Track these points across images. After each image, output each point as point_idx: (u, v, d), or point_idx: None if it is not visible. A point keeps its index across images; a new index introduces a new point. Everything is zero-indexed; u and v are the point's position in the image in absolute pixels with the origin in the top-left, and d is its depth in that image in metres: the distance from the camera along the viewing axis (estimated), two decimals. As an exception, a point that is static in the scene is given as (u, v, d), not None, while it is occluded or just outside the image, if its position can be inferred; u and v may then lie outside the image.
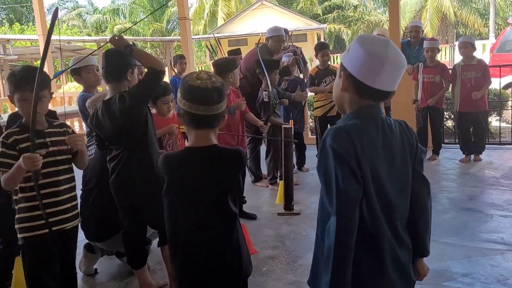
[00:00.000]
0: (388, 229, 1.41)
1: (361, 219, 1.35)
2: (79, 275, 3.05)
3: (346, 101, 1.46)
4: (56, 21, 2.39)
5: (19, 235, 2.34)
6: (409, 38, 6.57)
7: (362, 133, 1.36)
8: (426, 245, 1.56)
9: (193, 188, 1.77)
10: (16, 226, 2.32)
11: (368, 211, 1.37)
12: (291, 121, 4.67)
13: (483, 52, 15.71)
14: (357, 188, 1.33)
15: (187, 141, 2.98)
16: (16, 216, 2.31)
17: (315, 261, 1.53)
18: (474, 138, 5.81)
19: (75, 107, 7.13)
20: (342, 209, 1.31)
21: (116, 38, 2.61)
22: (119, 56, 2.66)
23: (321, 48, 5.90)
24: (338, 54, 21.19)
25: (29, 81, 2.18)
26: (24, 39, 18.88)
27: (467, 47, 5.64)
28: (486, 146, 6.30)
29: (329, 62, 6.04)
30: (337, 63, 18.76)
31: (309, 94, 5.92)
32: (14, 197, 2.31)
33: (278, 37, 5.36)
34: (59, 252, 2.38)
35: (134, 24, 25.38)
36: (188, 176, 1.78)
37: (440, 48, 5.67)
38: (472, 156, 5.79)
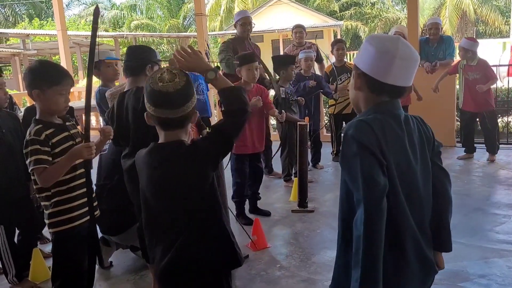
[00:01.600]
0: (414, 222, 1.40)
1: (387, 212, 1.32)
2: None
3: (361, 100, 1.47)
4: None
5: (52, 230, 2.30)
6: (427, 36, 6.49)
7: (384, 126, 1.37)
8: (451, 239, 1.55)
9: (161, 186, 1.69)
10: (51, 220, 2.29)
11: (394, 205, 1.34)
12: (307, 118, 4.65)
13: (503, 50, 15.44)
14: (383, 177, 1.32)
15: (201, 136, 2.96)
16: (50, 211, 2.28)
17: (337, 265, 1.52)
18: (484, 138, 5.84)
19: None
20: (370, 196, 1.29)
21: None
22: (140, 52, 2.70)
23: (336, 42, 5.92)
24: (355, 52, 21.02)
25: (69, 75, 2.31)
26: (43, 34, 19.15)
27: (460, 51, 5.66)
28: (505, 146, 6.28)
29: (345, 60, 6.01)
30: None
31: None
32: (45, 193, 2.27)
33: (243, 19, 5.07)
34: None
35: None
36: (155, 173, 1.68)
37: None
38: (488, 155, 5.71)
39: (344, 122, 5.95)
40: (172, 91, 1.60)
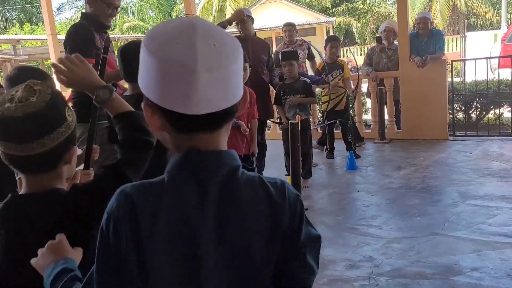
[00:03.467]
0: None
1: None
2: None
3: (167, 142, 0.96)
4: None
5: None
6: (417, 30, 6.51)
7: (163, 200, 0.88)
8: None
9: (19, 261, 1.12)
10: None
11: None
12: (298, 116, 4.64)
13: (494, 41, 15.50)
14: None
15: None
16: None
17: None
18: None
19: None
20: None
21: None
22: (135, 51, 2.57)
23: (331, 40, 5.93)
24: (348, 48, 21.06)
25: (47, 76, 2.41)
26: (34, 39, 19.07)
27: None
28: (497, 138, 6.41)
29: (337, 57, 6.01)
30: (347, 56, 18.63)
31: (317, 89, 5.90)
32: None
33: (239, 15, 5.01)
34: None
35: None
36: (10, 240, 1.14)
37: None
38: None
39: (338, 119, 5.97)
40: (19, 116, 1.09)
